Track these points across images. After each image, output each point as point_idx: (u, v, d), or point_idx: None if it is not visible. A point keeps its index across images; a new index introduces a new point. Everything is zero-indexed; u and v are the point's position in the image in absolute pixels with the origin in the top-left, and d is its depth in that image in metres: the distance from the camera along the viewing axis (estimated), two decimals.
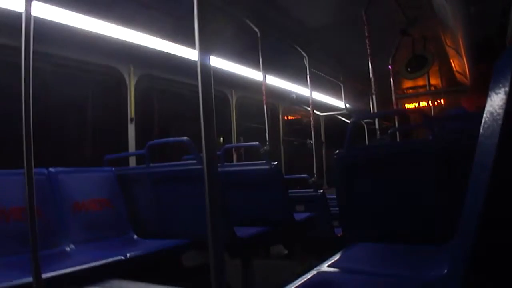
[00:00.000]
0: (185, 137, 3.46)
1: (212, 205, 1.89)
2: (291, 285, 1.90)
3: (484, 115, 0.91)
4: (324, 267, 2.22)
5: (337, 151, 3.15)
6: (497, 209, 0.86)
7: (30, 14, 2.09)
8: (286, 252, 5.48)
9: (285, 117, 8.86)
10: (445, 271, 1.45)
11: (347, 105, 8.93)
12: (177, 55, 5.11)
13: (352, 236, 3.09)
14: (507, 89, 0.84)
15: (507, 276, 0.91)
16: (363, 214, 3.09)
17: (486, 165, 0.86)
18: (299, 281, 1.96)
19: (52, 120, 4.38)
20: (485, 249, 0.89)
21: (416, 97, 10.58)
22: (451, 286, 1.17)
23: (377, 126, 5.97)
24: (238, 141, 7.12)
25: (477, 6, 4.37)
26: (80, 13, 3.94)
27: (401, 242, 2.71)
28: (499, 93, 0.86)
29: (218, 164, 3.49)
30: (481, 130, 0.92)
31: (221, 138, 6.93)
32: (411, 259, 2.41)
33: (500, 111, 0.85)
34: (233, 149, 6.72)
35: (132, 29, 4.49)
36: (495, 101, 0.87)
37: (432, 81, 9.36)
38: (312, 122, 6.68)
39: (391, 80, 7.07)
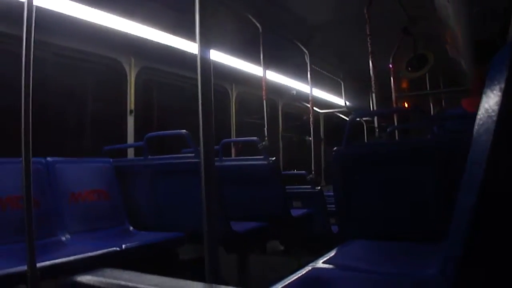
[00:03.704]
0: (184, 130, 3.46)
1: (208, 198, 1.90)
2: (285, 280, 1.91)
3: (479, 112, 0.90)
4: (319, 263, 2.23)
5: (335, 148, 3.15)
6: (489, 207, 0.86)
7: (32, 3, 2.10)
8: (282, 248, 5.48)
9: (285, 113, 8.84)
10: (438, 269, 1.45)
11: (347, 103, 8.92)
12: (179, 49, 5.09)
13: (348, 233, 3.10)
14: (502, 86, 0.83)
15: (498, 274, 0.92)
16: (360, 212, 3.09)
17: (480, 162, 0.86)
18: (293, 277, 1.97)
19: (52, 110, 4.37)
20: (477, 247, 0.89)
21: (416, 97, 10.55)
22: (443, 284, 1.17)
23: (376, 125, 5.96)
24: (237, 136, 7.11)
25: (480, 6, 4.35)
26: (83, 4, 3.93)
27: (397, 240, 2.71)
28: (495, 90, 0.85)
29: (216, 158, 3.49)
30: (475, 127, 0.91)
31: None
32: (406, 257, 2.42)
33: (495, 108, 0.84)
34: (232, 144, 6.72)
35: (134, 21, 4.47)
36: (490, 98, 0.86)
37: (432, 81, 9.33)
38: (311, 119, 6.67)
39: (391, 78, 7.05)
